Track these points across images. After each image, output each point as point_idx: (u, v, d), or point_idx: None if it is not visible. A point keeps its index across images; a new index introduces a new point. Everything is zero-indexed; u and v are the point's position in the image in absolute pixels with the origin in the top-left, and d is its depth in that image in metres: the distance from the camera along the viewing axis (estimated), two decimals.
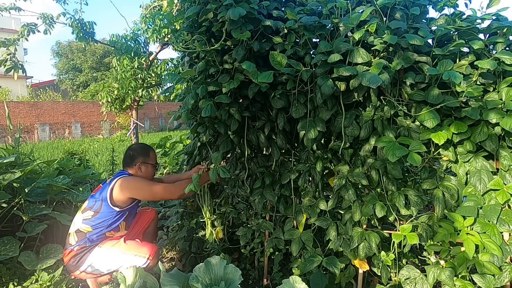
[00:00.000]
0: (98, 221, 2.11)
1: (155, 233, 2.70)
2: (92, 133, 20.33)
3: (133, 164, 2.25)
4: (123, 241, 2.15)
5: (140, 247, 2.14)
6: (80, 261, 2.09)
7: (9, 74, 4.36)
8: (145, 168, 2.27)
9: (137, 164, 2.24)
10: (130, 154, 2.27)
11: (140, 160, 2.25)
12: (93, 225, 2.11)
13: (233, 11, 1.69)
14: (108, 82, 6.34)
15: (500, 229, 1.60)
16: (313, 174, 1.99)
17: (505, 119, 1.51)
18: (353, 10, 1.78)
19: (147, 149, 2.33)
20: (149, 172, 2.30)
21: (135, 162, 2.25)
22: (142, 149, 2.31)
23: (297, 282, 1.72)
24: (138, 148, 2.33)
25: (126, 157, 2.28)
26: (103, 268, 2.10)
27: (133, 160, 2.25)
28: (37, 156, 9.59)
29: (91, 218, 2.11)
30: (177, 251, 2.93)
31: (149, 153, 2.31)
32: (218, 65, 1.93)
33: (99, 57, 29.66)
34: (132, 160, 2.26)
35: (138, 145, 2.40)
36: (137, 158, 2.25)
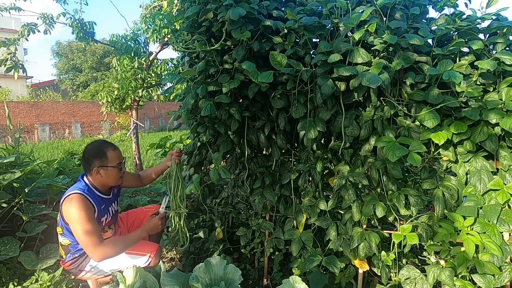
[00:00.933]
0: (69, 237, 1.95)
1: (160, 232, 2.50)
2: (92, 133, 20.33)
3: (90, 170, 1.95)
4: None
5: (141, 245, 2.10)
6: (79, 267, 2.03)
7: (9, 74, 4.36)
8: (104, 172, 1.96)
9: (93, 169, 1.94)
10: (84, 157, 1.97)
11: (97, 164, 1.94)
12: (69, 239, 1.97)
13: (233, 11, 1.69)
14: (108, 82, 6.35)
15: (500, 229, 1.60)
16: (313, 174, 1.99)
17: (505, 119, 1.51)
18: (353, 10, 1.79)
19: (103, 149, 1.97)
20: (111, 176, 1.99)
21: (91, 167, 1.95)
22: (97, 150, 1.97)
23: (297, 282, 1.72)
24: (92, 150, 1.98)
25: (83, 162, 1.99)
26: (107, 269, 2.07)
27: (90, 165, 1.95)
28: (37, 156, 9.59)
29: (62, 233, 1.97)
30: (177, 251, 2.93)
31: (106, 154, 1.96)
32: (218, 65, 1.93)
33: (99, 57, 29.65)
34: (88, 165, 1.96)
35: (92, 145, 2.02)
36: (93, 163, 1.94)
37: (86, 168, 1.98)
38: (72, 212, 1.83)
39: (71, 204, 1.85)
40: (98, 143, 2.03)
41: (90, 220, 1.84)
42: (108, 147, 1.98)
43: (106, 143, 2.04)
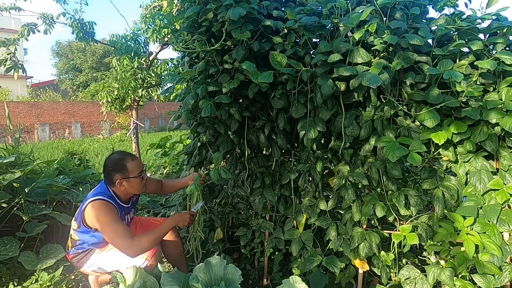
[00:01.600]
0: (81, 235, 2.01)
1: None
2: (92, 133, 20.33)
3: (113, 182, 1.98)
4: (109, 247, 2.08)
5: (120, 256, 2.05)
6: (80, 262, 2.07)
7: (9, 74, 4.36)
8: (127, 183, 1.98)
9: (116, 182, 1.97)
10: (106, 170, 2.00)
11: (119, 177, 1.96)
12: (80, 237, 2.02)
13: (233, 11, 1.69)
14: (108, 82, 6.35)
15: (500, 229, 1.60)
16: (313, 174, 1.99)
17: (505, 119, 1.51)
18: (353, 10, 1.78)
19: (122, 162, 1.98)
20: (134, 186, 2.01)
21: (114, 180, 1.97)
22: (117, 163, 1.98)
23: (297, 282, 1.72)
24: (112, 163, 1.99)
25: (105, 174, 2.02)
26: (107, 267, 2.09)
27: (111, 178, 1.98)
28: (37, 156, 9.59)
29: (77, 229, 2.01)
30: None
31: (126, 166, 1.97)
32: (218, 65, 1.93)
33: (99, 57, 29.65)
34: (110, 177, 1.99)
35: (111, 159, 2.03)
36: (114, 176, 1.97)
37: (109, 180, 2.00)
38: (99, 218, 1.88)
39: (96, 210, 1.89)
40: (116, 155, 2.05)
41: (118, 221, 1.90)
42: (126, 158, 2.01)
43: (124, 154, 2.07)
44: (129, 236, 1.87)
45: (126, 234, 1.87)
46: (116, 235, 1.86)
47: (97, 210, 1.89)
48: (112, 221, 1.88)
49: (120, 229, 1.87)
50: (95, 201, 1.92)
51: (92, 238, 2.00)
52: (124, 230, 1.88)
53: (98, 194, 1.96)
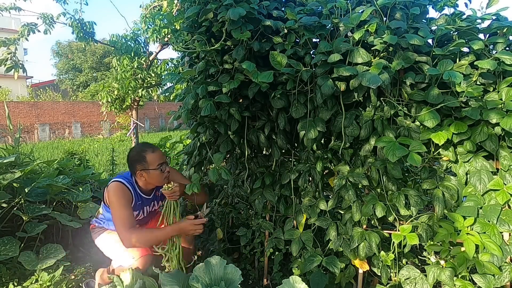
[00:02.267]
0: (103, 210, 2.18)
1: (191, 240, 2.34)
2: (92, 133, 20.33)
3: (135, 173, 2.09)
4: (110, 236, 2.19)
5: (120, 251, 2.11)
6: (95, 234, 2.25)
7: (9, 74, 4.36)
8: (147, 174, 2.06)
9: (137, 172, 2.07)
10: (129, 160, 2.11)
11: (139, 168, 2.06)
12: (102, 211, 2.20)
13: (233, 11, 1.69)
14: (108, 82, 6.35)
15: (500, 229, 1.60)
16: (313, 174, 1.99)
17: (505, 119, 1.51)
18: (353, 10, 1.78)
19: (142, 153, 2.06)
20: (154, 177, 2.08)
21: (135, 171, 2.08)
22: (137, 155, 2.06)
23: (297, 282, 1.72)
24: (133, 155, 2.09)
25: (127, 163, 2.13)
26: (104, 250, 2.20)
27: (133, 169, 2.09)
28: (37, 156, 9.59)
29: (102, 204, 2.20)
30: None
31: (145, 158, 2.04)
32: (218, 65, 1.93)
33: (99, 57, 29.66)
34: (131, 167, 2.10)
35: (133, 150, 2.14)
36: (135, 167, 2.07)
37: (131, 170, 2.12)
38: (112, 198, 2.00)
39: (112, 190, 2.03)
40: (138, 147, 2.16)
41: (126, 208, 1.99)
42: (147, 150, 2.06)
43: (145, 146, 2.12)
44: (127, 226, 1.94)
45: (125, 223, 1.94)
46: (117, 219, 1.97)
47: (112, 191, 2.02)
48: (120, 205, 1.97)
49: (123, 216, 1.95)
50: (115, 182, 2.05)
51: (108, 214, 2.13)
52: (126, 218, 1.95)
53: (122, 177, 2.09)
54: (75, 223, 2.95)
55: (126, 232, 1.93)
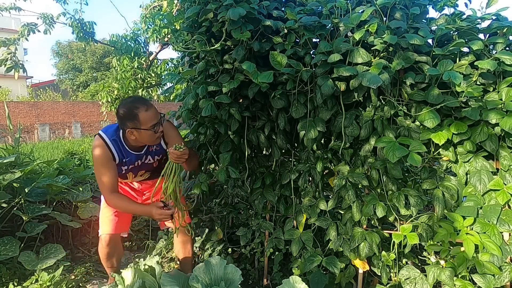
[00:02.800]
0: None
1: None
2: (92, 133, 20.31)
3: (124, 129, 1.88)
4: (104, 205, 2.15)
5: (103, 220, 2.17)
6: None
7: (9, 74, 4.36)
8: (138, 133, 1.86)
9: (127, 130, 1.85)
10: (118, 115, 1.86)
11: (129, 125, 1.83)
12: None
13: (233, 11, 1.69)
14: (108, 82, 6.34)
15: (500, 229, 1.60)
16: (313, 174, 1.99)
17: (505, 119, 1.51)
18: (353, 10, 1.78)
19: (134, 111, 1.81)
20: (145, 137, 1.88)
21: (124, 127, 1.86)
22: (128, 112, 1.82)
23: (297, 282, 1.72)
24: (124, 112, 1.83)
25: (117, 117, 1.89)
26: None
27: (123, 126, 1.87)
28: (37, 156, 9.58)
29: None
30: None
31: (138, 116, 1.81)
32: (218, 65, 1.93)
33: (99, 57, 29.65)
34: (121, 125, 1.88)
35: (124, 105, 1.86)
36: (125, 124, 1.85)
37: (120, 125, 1.90)
38: (93, 153, 1.92)
39: (94, 146, 1.92)
40: (129, 102, 1.87)
41: (104, 168, 1.90)
42: (139, 108, 1.81)
43: (138, 102, 1.85)
44: (106, 189, 1.91)
45: (104, 185, 1.91)
46: (97, 179, 1.95)
47: (93, 147, 1.93)
48: (98, 163, 1.90)
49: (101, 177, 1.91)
50: (97, 138, 1.93)
51: None
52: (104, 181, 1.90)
53: (107, 131, 1.94)
54: (75, 223, 2.95)
55: (105, 194, 1.93)
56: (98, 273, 2.74)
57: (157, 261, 2.00)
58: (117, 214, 2.17)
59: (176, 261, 2.82)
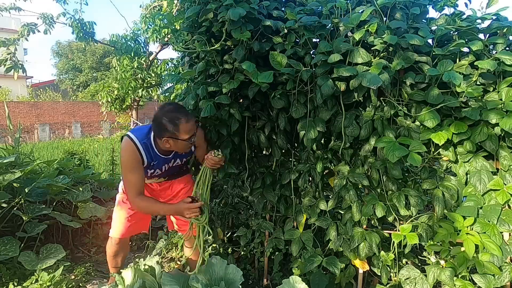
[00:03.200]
0: None
1: None
2: (92, 133, 20.32)
3: (160, 137, 1.85)
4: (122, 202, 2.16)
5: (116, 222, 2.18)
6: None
7: (9, 74, 4.36)
8: (174, 142, 1.84)
9: (163, 138, 1.83)
10: (157, 122, 1.83)
11: (167, 134, 1.81)
12: None
13: (233, 11, 1.69)
14: (108, 82, 6.35)
15: (500, 229, 1.60)
16: (313, 174, 1.99)
17: (505, 119, 1.51)
18: (353, 10, 1.78)
19: (176, 121, 1.78)
20: (180, 147, 1.88)
21: (161, 136, 1.83)
22: (169, 122, 1.79)
23: (297, 282, 1.72)
24: (164, 121, 1.80)
25: (153, 124, 1.87)
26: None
27: (159, 133, 1.84)
28: (37, 156, 9.57)
29: None
30: (177, 251, 2.93)
31: (179, 126, 1.78)
32: (218, 65, 1.93)
33: (99, 57, 29.65)
34: (158, 131, 1.84)
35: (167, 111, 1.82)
36: (162, 133, 1.82)
37: (155, 132, 1.88)
38: (121, 158, 1.93)
39: (123, 149, 1.90)
40: (171, 111, 1.82)
41: (133, 171, 1.89)
42: (181, 119, 1.79)
43: (179, 112, 1.82)
44: (133, 191, 1.90)
45: (131, 188, 1.91)
46: (124, 181, 1.96)
47: (122, 150, 1.91)
48: (128, 167, 1.89)
49: (130, 180, 1.91)
50: (127, 140, 1.89)
51: None
52: (132, 183, 1.90)
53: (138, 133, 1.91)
54: (75, 223, 2.95)
55: (131, 196, 1.93)
56: (98, 273, 2.74)
57: (157, 261, 2.00)
58: (131, 219, 2.18)
59: (177, 261, 2.82)
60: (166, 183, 2.24)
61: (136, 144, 1.88)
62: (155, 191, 2.24)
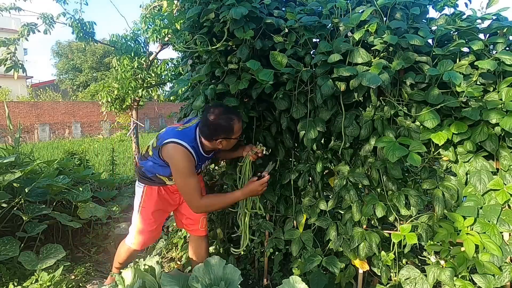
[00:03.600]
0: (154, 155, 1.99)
1: None
2: (92, 133, 20.31)
3: (212, 139, 1.89)
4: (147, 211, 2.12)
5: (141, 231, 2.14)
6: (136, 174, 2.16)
7: (9, 74, 4.36)
8: (226, 142, 1.91)
9: (217, 140, 1.88)
10: (211, 127, 1.85)
11: (222, 136, 1.87)
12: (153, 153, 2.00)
13: (235, 10, 1.69)
14: (108, 82, 6.34)
15: (500, 229, 1.60)
16: (313, 174, 1.99)
17: (505, 119, 1.51)
18: (353, 10, 1.79)
19: (231, 122, 1.84)
20: (229, 145, 1.95)
21: (215, 138, 1.88)
22: (225, 124, 1.84)
23: (297, 282, 1.72)
24: (220, 123, 1.83)
25: (205, 127, 1.88)
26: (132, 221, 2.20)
27: (213, 136, 1.87)
28: (37, 156, 9.58)
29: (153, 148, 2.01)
30: (177, 251, 2.93)
31: (234, 128, 1.86)
32: (223, 66, 1.93)
33: (99, 57, 29.64)
34: (211, 133, 1.87)
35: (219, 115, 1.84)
36: (217, 135, 1.87)
37: (207, 134, 1.89)
38: (177, 165, 1.89)
39: (176, 156, 1.88)
40: (224, 113, 1.86)
41: (192, 174, 1.91)
42: (234, 120, 1.86)
43: (231, 113, 1.87)
44: (198, 193, 1.91)
45: (195, 190, 1.91)
46: (186, 188, 1.92)
47: (176, 157, 1.88)
48: (187, 173, 1.89)
49: (192, 184, 1.91)
50: (179, 146, 1.87)
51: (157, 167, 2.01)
52: (195, 186, 1.91)
53: (185, 139, 1.90)
54: (75, 223, 2.95)
55: (195, 200, 1.92)
56: (98, 273, 2.74)
57: (157, 261, 2.01)
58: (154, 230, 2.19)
59: (177, 261, 2.82)
60: None
61: (188, 149, 1.89)
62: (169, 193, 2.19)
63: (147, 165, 2.04)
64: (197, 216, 2.25)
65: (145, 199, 2.11)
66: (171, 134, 1.92)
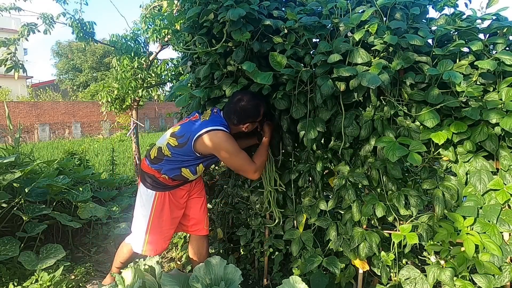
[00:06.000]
0: (178, 152, 1.99)
1: None
2: (92, 133, 20.32)
3: (239, 124, 1.97)
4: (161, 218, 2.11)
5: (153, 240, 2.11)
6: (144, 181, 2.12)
7: (9, 74, 4.36)
8: (252, 126, 2.02)
9: (245, 125, 1.98)
10: (242, 113, 1.93)
11: (250, 121, 1.97)
12: (173, 152, 1.99)
13: (233, 11, 1.69)
14: (108, 82, 6.35)
15: (500, 229, 1.60)
16: (313, 174, 1.99)
17: (505, 119, 1.51)
18: (353, 10, 1.78)
19: (259, 107, 1.94)
20: (253, 127, 2.05)
21: (243, 121, 1.96)
22: (254, 110, 1.93)
23: (297, 282, 1.72)
24: (250, 108, 1.91)
25: (233, 113, 1.94)
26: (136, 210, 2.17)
27: (242, 120, 1.95)
28: (37, 156, 9.58)
29: (174, 147, 1.99)
30: (177, 251, 2.93)
31: (260, 112, 1.96)
32: (222, 68, 1.93)
33: (99, 57, 29.63)
34: (241, 120, 1.95)
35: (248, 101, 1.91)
36: (246, 120, 1.95)
37: (235, 119, 1.95)
38: (227, 148, 1.92)
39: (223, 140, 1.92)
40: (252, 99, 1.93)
41: (240, 150, 1.97)
42: (261, 105, 1.96)
43: (258, 98, 1.95)
44: (252, 162, 1.99)
45: (249, 161, 1.99)
46: (244, 162, 1.97)
47: (224, 141, 1.92)
48: (238, 150, 1.96)
49: (244, 157, 1.98)
50: (220, 131, 1.93)
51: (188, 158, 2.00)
52: (246, 157, 1.99)
53: (220, 125, 1.96)
54: (75, 223, 2.95)
55: (252, 169, 1.98)
56: (98, 273, 2.74)
57: (157, 261, 2.01)
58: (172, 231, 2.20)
59: (177, 261, 2.82)
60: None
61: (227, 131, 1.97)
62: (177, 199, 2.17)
63: (167, 166, 2.02)
64: (201, 215, 2.26)
65: (157, 207, 2.08)
66: (202, 125, 1.95)
